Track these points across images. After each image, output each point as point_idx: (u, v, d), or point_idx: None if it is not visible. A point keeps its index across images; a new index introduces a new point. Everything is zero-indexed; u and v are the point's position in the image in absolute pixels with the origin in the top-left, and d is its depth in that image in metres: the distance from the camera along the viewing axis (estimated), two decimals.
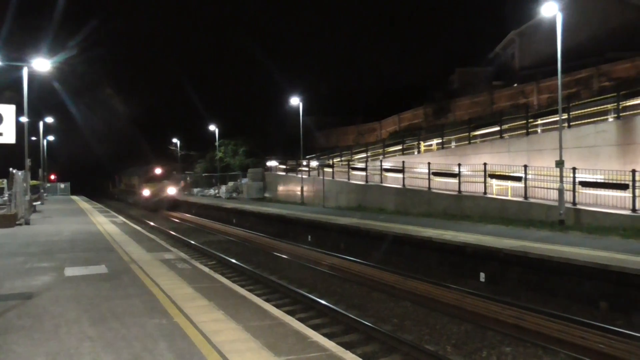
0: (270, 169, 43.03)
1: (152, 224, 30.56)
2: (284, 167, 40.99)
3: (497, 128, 23.86)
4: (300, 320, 7.95)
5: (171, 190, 43.68)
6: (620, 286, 9.79)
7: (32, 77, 23.29)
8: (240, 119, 58.93)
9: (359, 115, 46.52)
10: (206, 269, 10.67)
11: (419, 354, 7.80)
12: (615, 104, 19.04)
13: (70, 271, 10.21)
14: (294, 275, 14.24)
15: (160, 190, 42.91)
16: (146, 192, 42.98)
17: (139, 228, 20.39)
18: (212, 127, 51.63)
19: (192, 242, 21.37)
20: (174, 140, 61.61)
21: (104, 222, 22.49)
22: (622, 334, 8.24)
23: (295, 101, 36.22)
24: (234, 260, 16.29)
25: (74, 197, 55.14)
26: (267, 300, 9.48)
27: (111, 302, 7.63)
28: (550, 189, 17.51)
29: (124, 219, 25.06)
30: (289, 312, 8.64)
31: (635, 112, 18.24)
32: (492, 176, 20.27)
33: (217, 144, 51.76)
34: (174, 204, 41.88)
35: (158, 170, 44.98)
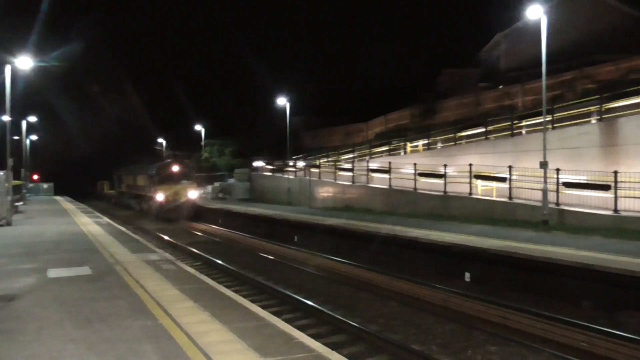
0: (257, 169, 42.93)
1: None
2: (270, 167, 40.92)
3: (483, 129, 24.08)
4: (287, 321, 7.93)
5: (192, 194, 32.78)
6: (603, 285, 9.93)
7: (15, 74, 22.97)
8: (228, 119, 58.76)
9: (346, 116, 46.62)
10: (192, 270, 10.60)
11: (405, 353, 7.83)
12: (598, 106, 19.33)
13: (53, 273, 10.07)
14: (280, 276, 14.21)
15: (178, 194, 32.18)
16: (160, 197, 31.65)
17: (123, 229, 20.20)
18: (198, 127, 51.37)
19: (178, 243, 21.22)
20: (160, 140, 61.19)
21: (87, 222, 22.23)
22: (604, 332, 8.36)
23: (282, 101, 36.19)
24: (220, 261, 16.20)
25: (57, 198, 54.47)
26: (254, 301, 9.43)
27: (95, 304, 7.55)
28: (534, 189, 17.71)
29: (108, 220, 24.81)
30: (275, 313, 8.60)
31: (617, 114, 18.52)
32: (478, 177, 20.44)
33: (203, 143, 51.49)
34: (196, 212, 32.54)
35: (176, 168, 33.22)
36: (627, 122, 17.48)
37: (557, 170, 17.20)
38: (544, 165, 16.91)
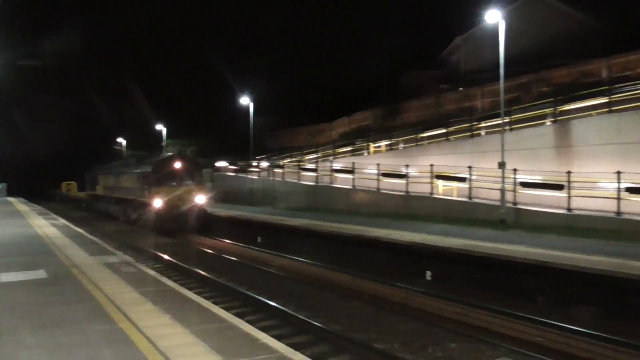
0: (219, 169, 42.47)
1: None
2: (234, 167, 40.56)
3: (444, 130, 24.61)
4: (250, 322, 7.89)
5: (200, 199, 25.00)
6: (556, 282, 10.31)
7: None
8: (190, 119, 57.85)
9: (310, 117, 46.68)
10: (152, 273, 10.42)
11: (367, 352, 7.92)
12: (552, 108, 20.06)
13: (5, 277, 9.69)
14: (243, 277, 14.11)
15: (182, 198, 24.59)
16: (158, 203, 24.08)
17: (81, 231, 19.63)
18: (160, 127, 50.49)
19: (137, 245, 20.77)
20: (119, 139, 59.79)
21: (43, 224, 21.49)
22: (557, 327, 8.69)
23: (245, 101, 35.96)
24: (181, 263, 15.96)
25: (11, 199, 52.39)
26: (216, 303, 9.34)
27: (51, 309, 7.31)
28: (493, 189, 18.21)
29: (66, 222, 24.06)
30: (238, 315, 8.56)
31: (570, 116, 19.27)
32: (439, 177, 20.86)
33: (164, 144, 50.59)
34: (205, 221, 24.83)
35: (178, 164, 25.57)
36: (579, 124, 18.21)
37: (515, 170, 17.75)
38: (502, 165, 17.42)
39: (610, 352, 7.61)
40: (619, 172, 14.99)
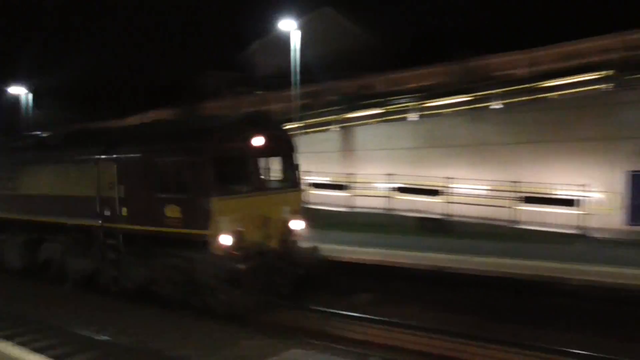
0: None
1: None
2: None
3: None
4: (22, 344, 6.96)
5: (297, 224, 10.49)
6: (341, 273, 11.38)
7: None
8: None
9: (102, 111, 42.88)
10: None
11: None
12: (338, 115, 22.11)
13: None
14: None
15: (270, 224, 9.82)
16: (227, 240, 8.92)
17: None
18: None
19: None
20: None
21: None
22: (341, 315, 9.58)
23: (19, 91, 31.48)
24: None
25: None
26: None
27: None
28: None
29: None
30: (7, 337, 7.46)
31: (353, 123, 21.47)
32: None
33: None
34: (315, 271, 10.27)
35: (260, 140, 10.01)
36: (359, 131, 20.42)
37: (307, 172, 19.02)
38: None
39: (384, 332, 8.72)
40: (389, 174, 17.23)
